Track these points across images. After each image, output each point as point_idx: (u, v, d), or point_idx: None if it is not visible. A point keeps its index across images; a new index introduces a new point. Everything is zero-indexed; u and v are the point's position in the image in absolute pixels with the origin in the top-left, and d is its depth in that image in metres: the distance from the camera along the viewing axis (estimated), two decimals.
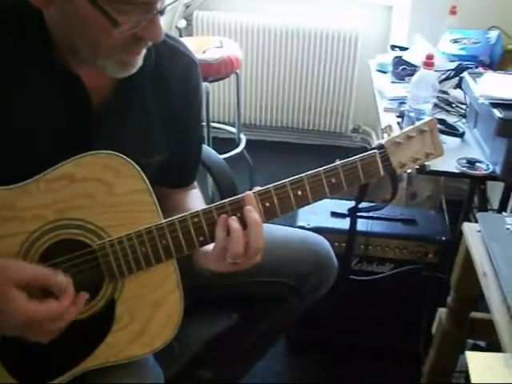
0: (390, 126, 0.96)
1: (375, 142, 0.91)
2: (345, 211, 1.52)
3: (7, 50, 0.82)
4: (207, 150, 1.32)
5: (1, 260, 0.78)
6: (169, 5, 0.79)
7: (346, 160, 0.89)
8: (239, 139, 2.65)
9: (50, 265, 0.83)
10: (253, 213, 0.83)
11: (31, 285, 0.78)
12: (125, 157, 0.83)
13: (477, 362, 0.75)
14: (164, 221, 0.84)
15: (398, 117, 1.60)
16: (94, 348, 0.84)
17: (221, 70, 2.25)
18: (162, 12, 0.77)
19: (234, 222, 0.83)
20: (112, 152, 0.82)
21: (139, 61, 0.83)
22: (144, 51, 0.83)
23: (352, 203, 1.07)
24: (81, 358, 0.84)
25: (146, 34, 0.77)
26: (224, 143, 2.54)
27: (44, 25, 0.81)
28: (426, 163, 1.00)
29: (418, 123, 0.95)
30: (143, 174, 0.84)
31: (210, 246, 0.87)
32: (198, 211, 0.84)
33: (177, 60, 0.97)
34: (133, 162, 0.83)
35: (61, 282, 0.78)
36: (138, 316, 0.86)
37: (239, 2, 2.86)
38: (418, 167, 0.96)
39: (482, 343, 1.46)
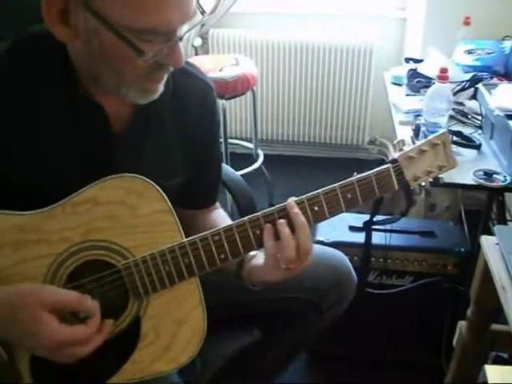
0: (402, 141, 0.97)
1: (389, 157, 0.93)
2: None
3: (31, 81, 0.85)
4: (225, 168, 1.33)
5: (33, 284, 0.82)
6: (187, 32, 0.82)
7: (361, 175, 0.91)
8: (257, 154, 2.68)
9: (77, 285, 0.85)
10: (299, 216, 0.86)
11: (61, 308, 0.80)
12: (147, 179, 0.85)
13: (496, 375, 0.75)
14: (186, 240, 0.86)
15: (414, 130, 1.60)
16: (120, 365, 0.86)
17: (237, 87, 2.28)
18: (181, 38, 0.79)
19: (283, 227, 0.86)
20: (134, 175, 0.85)
21: (161, 87, 0.86)
22: (165, 78, 0.85)
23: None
24: (107, 375, 0.86)
25: (167, 60, 0.80)
26: (242, 159, 2.57)
27: (67, 57, 0.84)
28: (440, 176, 1.01)
29: (430, 137, 0.96)
30: (165, 195, 0.86)
31: (259, 260, 0.91)
32: (218, 229, 0.87)
33: (193, 85, 0.99)
34: (154, 184, 0.86)
35: (90, 307, 0.81)
36: (163, 333, 0.88)
37: (254, 19, 2.90)
38: (431, 180, 0.97)
39: (505, 355, 1.45)
